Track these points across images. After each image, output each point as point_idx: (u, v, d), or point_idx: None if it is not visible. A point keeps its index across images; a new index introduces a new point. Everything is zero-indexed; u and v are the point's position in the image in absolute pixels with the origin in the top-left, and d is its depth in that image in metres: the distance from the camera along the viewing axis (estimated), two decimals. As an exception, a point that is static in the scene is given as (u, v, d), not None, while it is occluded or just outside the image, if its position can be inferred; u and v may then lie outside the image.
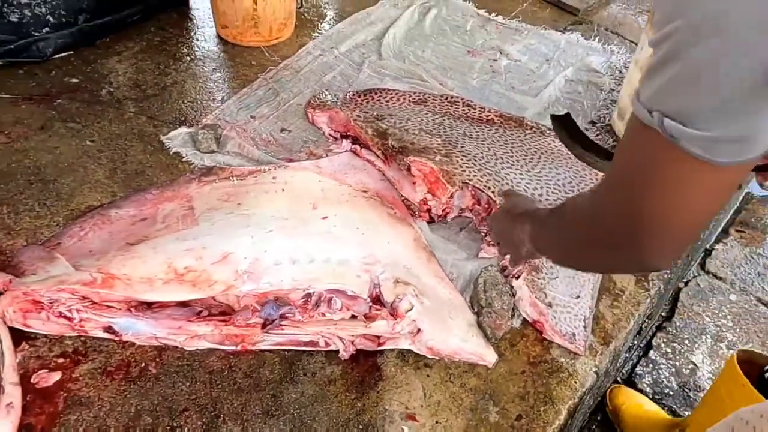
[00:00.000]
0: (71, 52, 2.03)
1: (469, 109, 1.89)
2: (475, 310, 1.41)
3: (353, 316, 1.30)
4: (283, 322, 1.27)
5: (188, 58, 2.10)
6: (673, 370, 1.76)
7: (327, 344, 1.30)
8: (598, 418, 1.67)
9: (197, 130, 1.76)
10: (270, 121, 1.88)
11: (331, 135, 1.84)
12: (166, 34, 2.19)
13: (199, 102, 1.92)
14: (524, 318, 1.42)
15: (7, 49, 1.90)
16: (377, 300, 1.33)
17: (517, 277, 1.42)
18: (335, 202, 1.58)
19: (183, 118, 1.86)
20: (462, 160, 1.57)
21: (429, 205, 1.58)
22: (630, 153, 0.67)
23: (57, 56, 2.00)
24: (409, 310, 1.29)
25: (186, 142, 1.76)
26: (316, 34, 2.30)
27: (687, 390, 1.72)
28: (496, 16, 2.50)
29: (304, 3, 2.40)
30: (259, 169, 1.67)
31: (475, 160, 1.59)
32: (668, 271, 1.63)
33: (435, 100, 1.92)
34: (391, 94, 1.94)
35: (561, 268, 1.46)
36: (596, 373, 1.35)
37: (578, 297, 1.44)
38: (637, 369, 1.77)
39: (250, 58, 2.14)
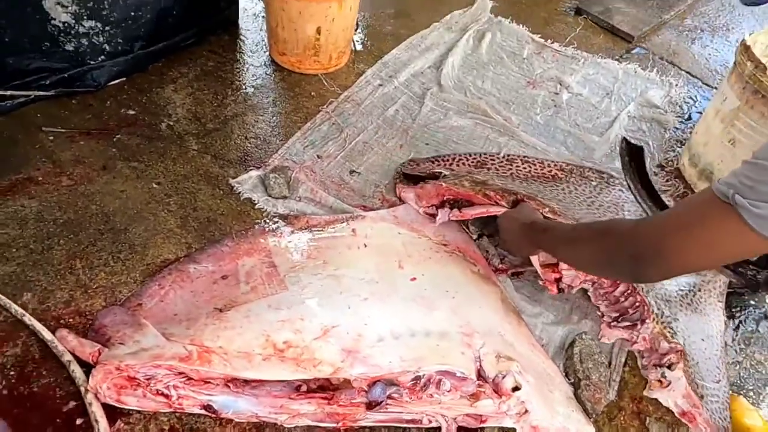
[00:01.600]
0: (124, 79, 1.94)
1: (529, 166, 1.80)
2: (572, 381, 1.39)
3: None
4: (389, 401, 1.24)
5: (245, 87, 2.02)
6: (741, 425, 1.76)
7: (429, 421, 1.27)
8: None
9: (267, 174, 1.69)
10: (338, 161, 1.82)
11: (426, 212, 1.67)
12: (219, 59, 2.10)
13: (262, 138, 1.85)
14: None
15: (61, 78, 1.81)
16: (479, 374, 1.30)
17: (670, 366, 1.36)
18: (419, 259, 1.54)
19: (248, 158, 1.79)
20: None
21: (561, 273, 1.45)
22: (693, 209, 0.88)
23: (110, 84, 1.91)
24: (516, 389, 1.26)
25: (256, 186, 1.69)
26: (372, 60, 2.22)
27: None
28: (552, 43, 2.44)
29: (359, 26, 2.32)
30: (335, 219, 1.62)
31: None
32: None
33: (494, 161, 1.81)
34: (450, 158, 1.83)
35: (698, 352, 1.40)
36: (697, 450, 1.34)
37: (719, 381, 1.40)
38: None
39: (309, 87, 2.06)
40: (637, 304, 1.42)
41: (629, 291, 1.43)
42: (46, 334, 1.30)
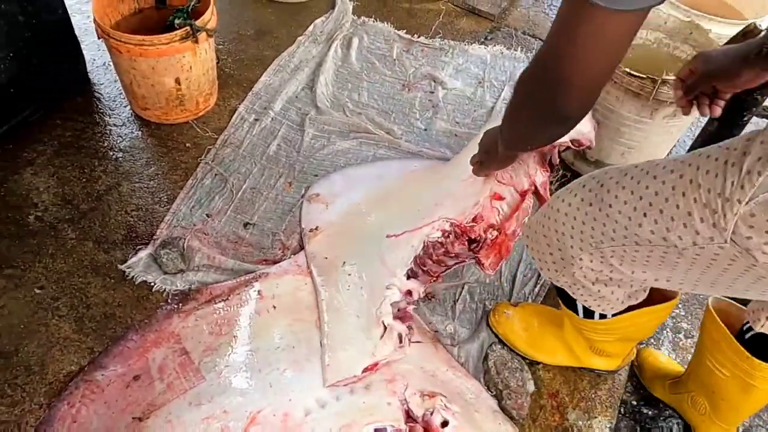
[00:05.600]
0: (-27, 174, 1.77)
1: None
2: (494, 393, 1.48)
3: (394, 444, 1.32)
4: (328, 471, 1.27)
5: (113, 152, 1.89)
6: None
7: (371, 475, 1.32)
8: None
9: (158, 251, 1.62)
10: (229, 216, 1.77)
11: None
12: (77, 126, 1.94)
13: (144, 208, 1.76)
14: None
15: None
16: (408, 416, 1.36)
17: None
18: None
19: (133, 234, 1.70)
20: None
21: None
22: (559, 18, 0.81)
23: (-42, 182, 1.74)
24: (445, 424, 1.33)
25: (149, 266, 1.62)
26: (243, 92, 2.14)
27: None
28: (419, 36, 2.45)
29: (220, 57, 2.21)
30: (239, 284, 1.59)
31: None
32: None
33: None
34: None
35: None
36: (610, 429, 1.48)
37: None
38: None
39: (182, 138, 1.96)
40: None
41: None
42: (-45, 496, 1.22)
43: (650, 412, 1.70)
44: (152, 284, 1.59)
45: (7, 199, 1.73)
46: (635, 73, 1.63)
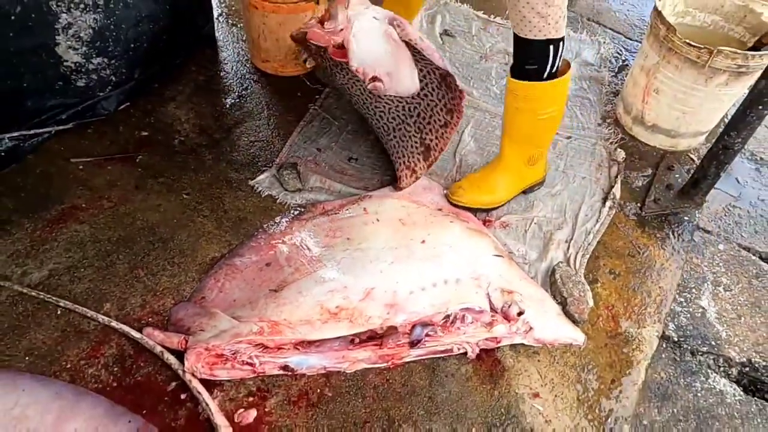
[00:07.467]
0: (128, 104, 2.13)
1: None
2: (559, 300, 1.76)
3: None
4: (426, 338, 1.57)
5: (238, 96, 2.25)
6: (689, 315, 2.20)
7: (458, 349, 1.61)
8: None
9: (280, 171, 1.96)
10: (335, 151, 2.10)
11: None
12: (208, 73, 2.31)
13: (265, 140, 2.11)
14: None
15: (75, 111, 1.99)
16: (490, 307, 1.65)
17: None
18: (424, 224, 1.85)
19: (257, 160, 2.04)
20: None
21: None
22: None
23: (118, 109, 2.10)
24: (521, 314, 1.62)
25: (273, 184, 1.96)
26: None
27: (703, 327, 2.15)
28: (495, 17, 2.76)
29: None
30: (348, 201, 1.92)
31: None
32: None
33: None
34: None
35: None
36: (658, 337, 1.75)
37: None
38: (662, 318, 2.19)
39: (293, 89, 2.31)
40: None
41: None
42: (135, 334, 1.55)
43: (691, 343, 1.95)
44: (276, 198, 1.93)
45: (157, 126, 2.10)
46: (694, 44, 1.90)
